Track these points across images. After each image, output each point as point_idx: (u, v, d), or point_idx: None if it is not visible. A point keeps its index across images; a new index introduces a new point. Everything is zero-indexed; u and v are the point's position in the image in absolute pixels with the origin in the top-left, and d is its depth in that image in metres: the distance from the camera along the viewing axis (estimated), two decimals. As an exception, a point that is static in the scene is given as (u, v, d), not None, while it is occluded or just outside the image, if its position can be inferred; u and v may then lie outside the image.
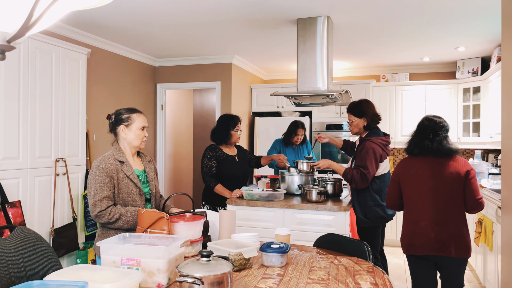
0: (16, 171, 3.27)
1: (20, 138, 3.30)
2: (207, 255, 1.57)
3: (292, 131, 4.33)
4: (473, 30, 4.20)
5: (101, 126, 4.64)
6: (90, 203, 2.21)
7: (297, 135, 4.30)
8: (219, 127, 3.66)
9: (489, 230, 3.54)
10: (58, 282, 1.39)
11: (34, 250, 2.05)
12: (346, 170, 3.12)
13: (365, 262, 2.04)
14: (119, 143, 2.36)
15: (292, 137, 4.32)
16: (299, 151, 4.42)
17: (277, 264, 1.94)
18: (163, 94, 5.88)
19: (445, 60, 5.67)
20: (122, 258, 1.67)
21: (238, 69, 5.74)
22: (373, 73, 6.27)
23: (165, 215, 1.99)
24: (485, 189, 4.02)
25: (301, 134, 4.30)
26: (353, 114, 3.25)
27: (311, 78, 3.67)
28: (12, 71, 3.23)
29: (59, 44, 3.67)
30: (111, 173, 2.23)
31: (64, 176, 3.72)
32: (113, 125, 2.35)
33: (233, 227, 2.34)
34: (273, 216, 3.16)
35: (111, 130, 2.37)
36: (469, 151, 5.92)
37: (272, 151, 4.42)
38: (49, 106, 3.58)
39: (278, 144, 4.44)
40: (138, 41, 4.73)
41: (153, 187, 2.41)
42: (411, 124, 5.76)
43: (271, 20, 3.83)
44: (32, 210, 3.40)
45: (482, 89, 5.23)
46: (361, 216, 3.09)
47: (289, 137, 4.35)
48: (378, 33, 4.27)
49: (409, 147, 2.65)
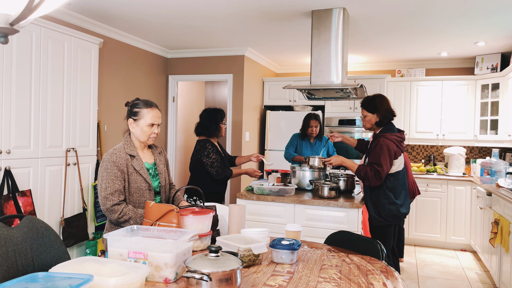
0: (27, 160, 3.27)
1: (31, 127, 3.29)
2: (215, 250, 1.53)
3: (306, 124, 4.31)
4: (493, 25, 4.07)
5: (112, 117, 4.62)
6: (101, 195, 2.18)
7: (311, 126, 4.26)
8: (210, 120, 3.54)
9: (505, 231, 3.44)
10: (63, 275, 1.36)
11: (42, 240, 2.03)
12: (359, 167, 3.04)
13: (378, 262, 1.98)
14: (130, 135, 2.33)
15: (307, 129, 4.29)
16: (316, 146, 4.36)
17: (287, 261, 1.89)
18: (175, 86, 5.85)
19: (463, 56, 5.53)
20: (129, 251, 1.63)
21: (250, 61, 5.67)
22: (388, 68, 6.15)
23: (174, 208, 1.95)
24: (502, 188, 3.91)
25: (315, 125, 4.26)
26: (366, 109, 3.17)
27: (325, 71, 3.59)
28: (24, 60, 3.22)
29: (71, 33, 3.65)
30: (122, 167, 2.20)
31: (74, 166, 3.71)
32: (127, 115, 2.31)
33: (243, 222, 2.29)
34: (284, 212, 3.11)
35: (126, 118, 2.33)
36: (486, 149, 5.78)
37: (289, 146, 4.40)
38: (61, 95, 3.56)
39: (296, 138, 4.42)
40: (151, 32, 4.70)
41: (163, 180, 2.38)
42: (426, 121, 5.66)
43: (285, 11, 3.75)
44: (43, 199, 3.41)
45: (501, 85, 5.09)
46: (374, 215, 3.02)
47: (304, 130, 4.34)
48: (395, 26, 4.16)
49: None
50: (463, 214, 5.22)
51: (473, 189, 5.09)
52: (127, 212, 2.16)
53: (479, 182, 4.67)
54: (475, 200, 4.98)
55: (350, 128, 5.71)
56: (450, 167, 5.54)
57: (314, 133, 4.27)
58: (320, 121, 4.32)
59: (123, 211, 2.16)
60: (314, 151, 4.34)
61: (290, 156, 4.31)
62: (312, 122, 4.25)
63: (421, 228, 5.39)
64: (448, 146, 5.81)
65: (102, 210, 2.22)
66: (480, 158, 5.74)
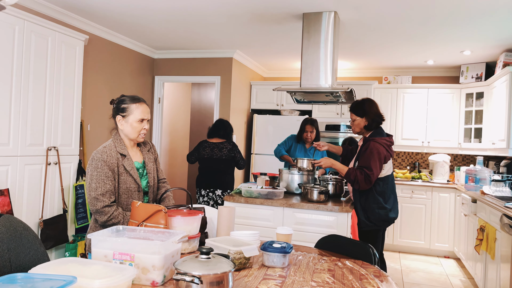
0: (6, 158, 3.13)
1: (11, 124, 3.16)
2: (206, 252, 1.46)
3: (301, 128, 4.28)
4: (480, 34, 4.12)
5: (96, 116, 4.50)
6: (90, 196, 2.08)
7: (306, 131, 4.22)
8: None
9: (491, 238, 3.45)
10: (43, 276, 1.27)
11: (20, 240, 1.93)
12: (349, 171, 3.01)
13: (370, 266, 1.93)
14: (118, 133, 2.23)
15: (302, 134, 4.25)
16: (310, 151, 4.32)
17: (278, 264, 1.83)
18: (161, 87, 5.75)
19: (449, 64, 5.60)
20: (115, 252, 1.55)
21: (238, 64, 5.63)
22: (375, 75, 6.18)
23: (162, 208, 1.87)
24: (487, 195, 3.94)
25: (310, 130, 4.21)
26: (355, 113, 3.15)
27: (315, 74, 3.57)
28: (6, 53, 3.10)
29: (56, 28, 3.54)
30: (113, 167, 2.11)
31: (55, 166, 3.59)
32: (114, 113, 2.21)
33: (232, 224, 2.23)
34: (272, 215, 3.05)
35: (113, 116, 2.24)
36: (469, 157, 5.85)
37: (282, 144, 4.35)
38: (43, 92, 3.44)
39: (291, 140, 4.38)
40: (138, 31, 4.60)
41: (151, 179, 2.29)
42: (412, 128, 5.70)
43: (277, 14, 3.72)
44: (21, 199, 3.27)
45: (485, 94, 5.16)
46: (364, 219, 2.99)
47: (300, 134, 4.30)
48: (384, 32, 4.18)
49: None
50: (447, 221, 5.25)
51: (457, 196, 5.13)
52: (116, 215, 2.08)
53: (464, 189, 4.70)
54: (459, 207, 5.02)
55: (336, 133, 5.70)
56: (434, 174, 5.58)
57: (309, 138, 4.21)
58: (317, 128, 4.26)
59: (113, 214, 2.07)
60: (307, 156, 4.29)
61: (279, 152, 4.26)
62: (308, 127, 4.21)
63: (405, 234, 5.40)
64: (432, 153, 5.86)
65: (91, 211, 2.12)
66: (464, 165, 5.80)
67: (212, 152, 4.52)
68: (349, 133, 5.64)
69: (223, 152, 4.52)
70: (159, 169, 2.38)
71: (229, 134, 4.66)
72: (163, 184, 2.40)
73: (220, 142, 4.56)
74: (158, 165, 2.38)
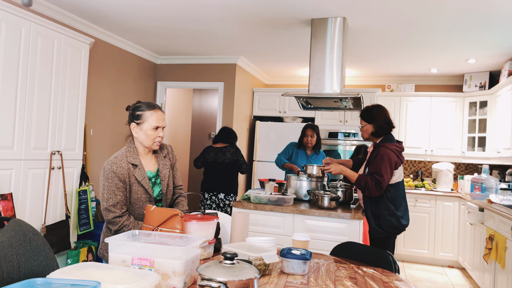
0: (9, 161, 3.06)
1: (15, 127, 3.09)
2: (231, 257, 1.40)
3: (302, 133, 4.26)
4: (485, 42, 4.12)
5: (98, 120, 4.44)
6: (102, 206, 2.06)
7: (307, 135, 4.19)
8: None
9: (501, 247, 3.41)
10: (64, 281, 1.21)
11: (29, 245, 1.87)
12: (360, 177, 2.97)
13: (391, 274, 1.88)
14: (133, 140, 2.18)
15: (303, 138, 4.22)
16: (312, 158, 4.28)
17: (298, 271, 1.77)
18: (163, 92, 5.71)
19: (452, 73, 5.60)
20: (134, 257, 1.49)
21: (241, 70, 5.60)
22: (378, 83, 6.18)
23: (179, 212, 1.82)
24: (495, 204, 3.91)
25: (310, 134, 4.19)
26: (364, 119, 3.13)
27: (325, 80, 3.54)
28: (12, 55, 3.04)
29: (62, 31, 3.49)
30: (123, 177, 2.07)
31: (59, 170, 3.51)
32: (129, 120, 2.16)
33: (246, 230, 2.17)
34: (282, 222, 2.99)
35: (128, 123, 2.18)
36: (472, 165, 5.84)
37: (283, 153, 4.32)
38: (48, 95, 3.38)
39: (291, 147, 4.35)
40: (142, 35, 4.57)
41: (164, 187, 2.22)
42: (415, 136, 5.68)
43: (285, 19, 3.70)
44: (24, 204, 3.19)
45: (489, 103, 5.16)
46: (375, 226, 2.94)
47: (301, 139, 4.28)
48: (391, 39, 4.17)
49: None
50: (451, 230, 5.21)
51: (461, 205, 5.10)
52: (128, 224, 2.05)
53: (469, 198, 4.67)
54: (463, 216, 4.98)
55: (339, 141, 5.67)
56: (438, 182, 5.55)
57: (309, 143, 4.19)
58: (317, 132, 4.24)
59: (124, 223, 2.04)
60: (309, 162, 4.25)
61: (281, 162, 4.23)
62: (308, 131, 4.19)
63: (409, 243, 5.35)
64: (435, 161, 5.84)
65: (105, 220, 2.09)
66: (467, 174, 5.78)
67: (216, 156, 4.60)
68: (348, 140, 5.60)
69: (226, 155, 4.57)
70: (176, 175, 2.32)
71: (232, 140, 4.67)
72: (179, 191, 2.34)
73: (223, 146, 4.64)
74: (175, 171, 2.32)
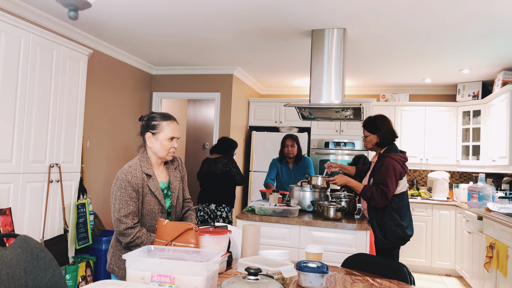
0: (8, 175, 2.98)
1: (14, 139, 3.03)
2: (255, 272, 1.38)
3: (282, 144, 4.27)
4: (479, 53, 4.20)
5: (95, 132, 4.37)
6: (114, 216, 2.01)
7: (286, 145, 4.19)
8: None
9: (503, 255, 3.43)
10: (89, 301, 1.16)
11: (37, 262, 1.82)
12: (365, 188, 2.97)
13: (407, 285, 1.87)
14: (146, 150, 2.15)
15: (283, 149, 4.22)
16: (293, 171, 4.27)
17: (316, 285, 1.75)
18: (158, 103, 5.66)
19: (446, 83, 5.69)
20: (153, 274, 1.44)
21: (238, 81, 5.60)
22: (373, 92, 6.23)
23: (193, 226, 1.78)
24: (494, 212, 3.95)
25: (290, 144, 4.18)
26: (367, 130, 3.14)
27: (326, 90, 3.55)
28: (11, 66, 2.98)
29: (61, 42, 3.45)
30: (137, 187, 2.03)
31: (57, 184, 3.44)
32: (142, 130, 2.13)
33: (258, 243, 2.14)
34: (288, 233, 2.96)
35: (141, 134, 2.15)
36: (466, 174, 5.90)
37: (271, 172, 4.32)
38: (47, 107, 3.32)
39: (273, 165, 4.37)
40: (138, 46, 4.54)
41: (175, 199, 2.19)
42: (410, 145, 5.72)
43: (285, 30, 3.71)
44: (22, 218, 3.10)
45: (482, 112, 5.24)
46: (380, 237, 2.93)
47: (282, 151, 4.28)
48: (388, 49, 4.22)
49: None
50: (448, 238, 5.24)
51: (458, 214, 5.14)
52: (140, 236, 2.00)
53: (466, 207, 4.71)
54: (460, 224, 5.02)
55: (335, 151, 5.69)
56: (434, 191, 5.59)
57: (291, 153, 4.17)
58: (297, 142, 4.22)
59: (136, 235, 1.99)
60: (291, 177, 4.24)
61: (266, 182, 4.32)
62: (288, 141, 4.19)
63: (406, 252, 5.36)
64: (430, 170, 5.89)
65: (115, 231, 2.03)
66: (462, 183, 5.84)
67: (209, 167, 4.56)
68: (344, 150, 5.62)
69: (218, 166, 4.51)
70: (185, 188, 2.29)
71: (228, 150, 4.60)
72: (187, 204, 2.30)
73: (216, 157, 4.58)
74: (184, 184, 2.29)
